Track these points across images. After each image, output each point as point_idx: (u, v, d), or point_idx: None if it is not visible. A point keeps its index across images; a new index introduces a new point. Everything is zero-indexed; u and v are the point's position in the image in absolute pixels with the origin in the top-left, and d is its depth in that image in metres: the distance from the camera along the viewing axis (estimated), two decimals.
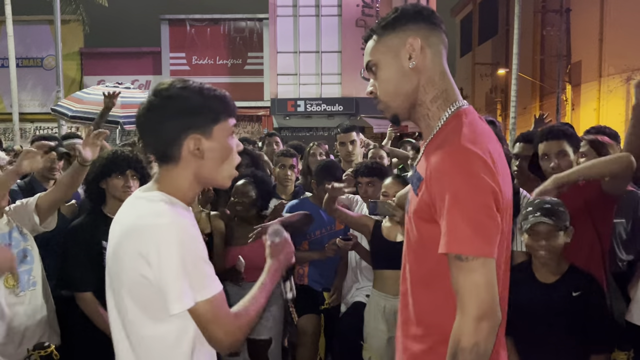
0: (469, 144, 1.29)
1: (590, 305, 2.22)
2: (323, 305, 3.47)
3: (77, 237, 2.66)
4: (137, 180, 2.72)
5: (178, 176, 1.40)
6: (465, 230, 1.24)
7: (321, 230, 3.51)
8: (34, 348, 2.50)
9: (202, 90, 1.39)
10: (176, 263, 1.28)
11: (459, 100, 1.44)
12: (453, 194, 1.26)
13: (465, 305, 1.25)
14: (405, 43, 1.40)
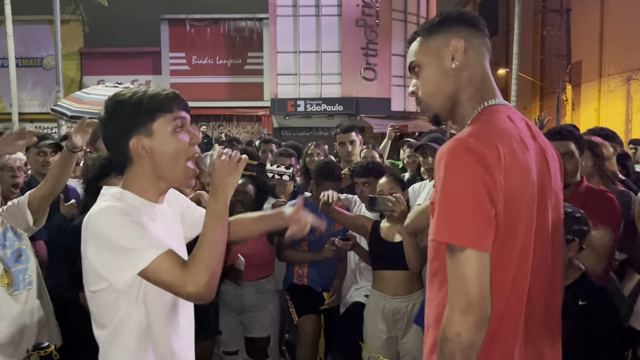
0: (471, 139, 1.31)
1: (597, 316, 2.17)
2: (323, 306, 3.47)
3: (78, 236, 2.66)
4: None
5: (135, 175, 1.52)
6: (454, 219, 1.27)
7: (320, 231, 3.51)
8: (33, 348, 2.50)
9: (134, 94, 1.50)
10: (98, 249, 1.41)
11: (493, 99, 1.46)
12: (444, 184, 1.29)
13: (452, 295, 1.28)
14: (448, 44, 1.45)
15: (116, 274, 1.40)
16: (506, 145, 1.33)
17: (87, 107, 6.58)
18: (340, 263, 3.53)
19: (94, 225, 1.43)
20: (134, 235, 1.40)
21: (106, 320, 1.47)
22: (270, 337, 3.28)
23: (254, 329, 3.27)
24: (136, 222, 1.42)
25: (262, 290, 3.31)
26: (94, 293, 1.47)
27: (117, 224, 1.40)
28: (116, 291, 1.43)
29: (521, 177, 1.34)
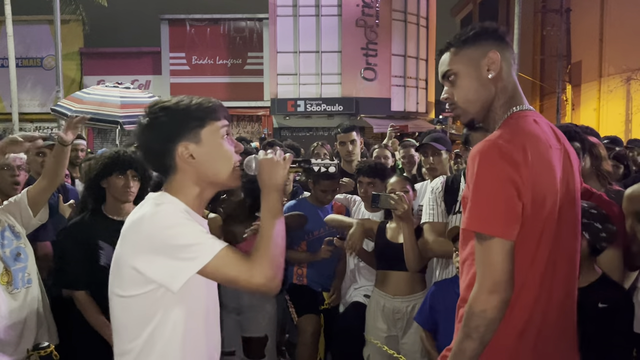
0: (499, 138, 1.47)
1: (618, 320, 2.10)
2: (323, 306, 3.47)
3: (74, 235, 2.67)
4: (138, 181, 2.72)
5: (180, 184, 1.50)
6: (482, 211, 1.44)
7: (319, 230, 3.51)
8: (33, 348, 2.50)
9: (180, 101, 1.50)
10: (158, 248, 1.37)
11: (521, 105, 1.61)
12: (476, 180, 1.45)
13: (481, 277, 1.45)
14: (485, 56, 1.59)
15: (174, 275, 1.37)
16: (532, 146, 1.48)
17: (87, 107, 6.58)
18: (340, 263, 3.53)
19: (148, 226, 1.39)
20: (196, 231, 1.40)
21: (138, 330, 1.43)
22: (267, 336, 3.28)
23: (251, 328, 3.27)
24: (192, 221, 1.42)
25: None
26: (128, 298, 1.43)
27: (175, 222, 1.39)
28: (159, 294, 1.40)
29: (546, 175, 1.50)
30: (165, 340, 1.42)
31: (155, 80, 19.28)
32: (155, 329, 1.42)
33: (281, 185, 1.52)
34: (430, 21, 20.37)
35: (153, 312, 1.41)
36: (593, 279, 2.18)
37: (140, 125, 1.51)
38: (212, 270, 1.38)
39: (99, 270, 2.60)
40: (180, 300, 1.42)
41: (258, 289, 1.42)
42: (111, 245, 2.63)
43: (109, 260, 2.58)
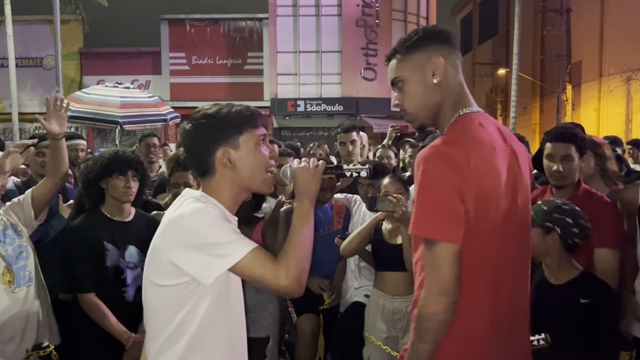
0: (444, 144, 1.51)
1: (600, 313, 2.13)
2: (322, 306, 3.46)
3: (78, 237, 2.65)
4: (137, 181, 2.72)
5: (217, 185, 1.60)
6: (426, 216, 1.48)
7: (318, 230, 3.51)
8: (33, 348, 2.49)
9: (221, 109, 1.60)
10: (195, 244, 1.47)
11: (467, 107, 1.62)
12: (421, 185, 1.49)
13: (428, 281, 1.50)
14: (429, 61, 1.60)
15: (208, 270, 1.46)
16: (476, 150, 1.51)
17: (87, 107, 6.58)
18: (340, 263, 3.53)
19: (188, 222, 1.48)
20: (228, 230, 1.49)
21: (171, 316, 1.52)
22: (269, 337, 3.28)
23: (253, 328, 3.27)
24: (227, 221, 1.53)
25: (262, 291, 3.30)
26: (164, 287, 1.52)
27: (212, 221, 1.48)
28: (192, 287, 1.49)
29: (489, 178, 1.52)
30: (195, 327, 1.51)
31: (155, 80, 19.28)
32: (186, 316, 1.51)
33: (314, 193, 1.61)
34: (430, 21, 20.36)
35: (185, 301, 1.51)
36: (573, 276, 2.22)
37: (184, 131, 1.63)
38: (242, 269, 1.47)
39: (106, 271, 2.60)
40: (210, 293, 1.51)
41: (282, 290, 1.50)
42: (115, 246, 2.63)
43: (114, 260, 2.61)
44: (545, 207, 2.22)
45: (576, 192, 2.59)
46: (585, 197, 2.53)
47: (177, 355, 1.52)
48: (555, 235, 2.18)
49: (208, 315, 1.52)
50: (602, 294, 2.18)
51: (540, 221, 2.19)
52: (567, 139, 2.58)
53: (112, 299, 2.60)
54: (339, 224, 3.52)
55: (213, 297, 1.52)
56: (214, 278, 1.47)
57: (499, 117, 26.56)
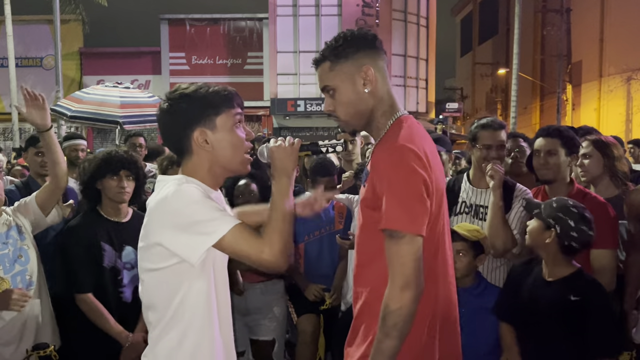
0: (404, 141, 1.55)
1: (591, 313, 2.14)
2: (323, 306, 3.46)
3: (76, 237, 2.64)
4: (132, 180, 2.69)
5: (194, 165, 1.60)
6: (397, 210, 1.50)
7: (320, 230, 3.50)
8: (33, 348, 2.49)
9: (199, 89, 1.59)
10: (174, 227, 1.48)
11: (400, 110, 1.68)
12: (389, 182, 1.51)
13: (393, 275, 1.51)
14: (359, 70, 1.63)
15: (194, 248, 1.47)
16: (427, 147, 1.60)
17: (87, 107, 6.58)
18: (341, 263, 3.52)
19: (171, 204, 1.49)
20: (211, 208, 1.50)
21: (168, 300, 1.54)
22: (275, 339, 3.26)
23: (259, 331, 3.25)
24: (210, 199, 1.54)
25: (268, 292, 3.29)
26: (158, 271, 1.54)
27: (194, 200, 1.49)
28: (183, 268, 1.50)
29: (439, 173, 1.63)
30: (192, 308, 1.54)
31: (155, 80, 19.27)
32: (182, 299, 1.53)
33: (291, 170, 1.59)
34: (431, 21, 20.36)
35: (179, 283, 1.53)
36: (566, 273, 2.23)
37: (160, 110, 1.61)
38: (226, 245, 1.48)
39: (103, 271, 2.59)
40: (200, 275, 1.53)
41: (267, 264, 1.50)
42: (111, 246, 2.62)
43: (111, 261, 2.60)
44: (555, 204, 2.23)
45: (569, 192, 2.59)
46: (578, 197, 2.53)
47: (175, 339, 1.54)
48: (553, 233, 2.19)
49: (201, 298, 1.54)
50: (592, 292, 2.18)
51: (544, 215, 2.20)
52: (552, 134, 2.64)
53: (109, 300, 2.60)
54: (340, 224, 3.51)
55: (204, 279, 1.54)
56: (200, 255, 1.48)
57: (499, 117, 26.56)
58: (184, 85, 1.62)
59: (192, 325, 1.54)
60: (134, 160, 2.73)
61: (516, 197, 2.70)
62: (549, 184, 2.65)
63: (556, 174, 2.60)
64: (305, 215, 1.89)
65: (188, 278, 1.53)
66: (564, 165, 2.60)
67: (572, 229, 2.16)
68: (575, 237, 2.15)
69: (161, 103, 1.62)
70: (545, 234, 2.20)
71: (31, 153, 3.61)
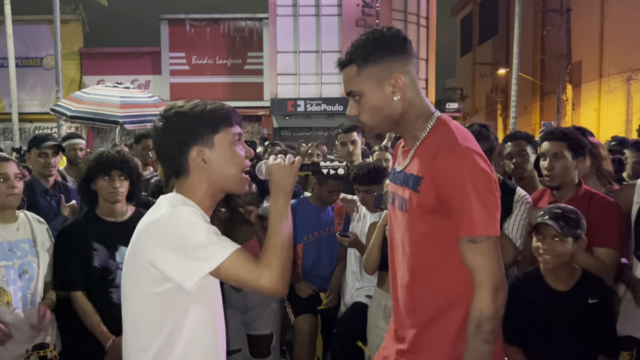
0: (466, 143, 1.51)
1: (605, 311, 2.18)
2: (320, 306, 3.45)
3: (69, 236, 2.67)
4: (126, 180, 2.69)
5: (192, 186, 1.54)
6: (481, 215, 1.45)
7: (319, 231, 3.50)
8: (33, 348, 2.49)
9: (195, 107, 1.53)
10: (170, 250, 1.42)
11: (435, 110, 1.63)
12: (465, 186, 1.45)
13: (483, 280, 1.46)
14: (389, 77, 1.55)
15: (189, 274, 1.41)
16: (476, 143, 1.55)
17: (87, 107, 6.58)
18: (339, 264, 3.52)
19: (167, 226, 1.43)
20: (209, 232, 1.44)
21: (159, 327, 1.46)
22: (273, 334, 3.28)
23: (257, 326, 3.26)
24: (207, 222, 1.48)
25: None
26: (149, 296, 1.46)
27: (192, 224, 1.43)
28: (177, 294, 1.43)
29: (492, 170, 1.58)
30: (187, 340, 1.47)
31: (155, 80, 19.27)
32: (173, 329, 1.46)
33: (289, 189, 1.55)
34: (431, 21, 20.36)
35: (171, 310, 1.45)
36: (577, 278, 2.25)
37: (155, 128, 1.56)
38: (224, 272, 1.42)
39: (93, 271, 2.60)
40: (195, 300, 1.46)
41: (266, 291, 1.45)
42: (104, 246, 2.63)
43: (102, 261, 2.61)
44: (573, 215, 2.22)
45: (577, 193, 2.58)
46: (586, 198, 2.53)
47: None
48: (582, 242, 2.21)
49: (195, 325, 1.48)
50: (606, 293, 2.22)
51: (570, 230, 2.18)
52: (558, 137, 2.61)
53: (97, 300, 2.60)
54: (340, 225, 3.52)
55: (198, 304, 1.47)
56: (194, 282, 1.40)
57: (499, 117, 26.57)
58: (179, 103, 1.56)
59: (184, 356, 1.46)
60: (125, 159, 2.70)
61: (516, 202, 2.69)
62: (557, 189, 2.63)
63: (563, 179, 2.58)
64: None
65: (181, 305, 1.45)
66: (571, 169, 2.58)
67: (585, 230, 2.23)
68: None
69: (156, 121, 1.57)
70: (573, 246, 2.20)
71: (34, 154, 3.60)
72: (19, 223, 2.57)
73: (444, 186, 1.49)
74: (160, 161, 1.63)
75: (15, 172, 2.53)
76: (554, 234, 2.19)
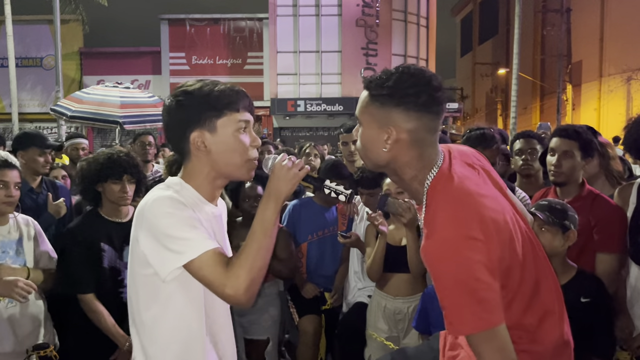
0: (451, 224, 1.32)
1: (598, 312, 2.16)
2: (325, 306, 3.46)
3: (75, 238, 2.64)
4: (134, 184, 2.70)
5: (193, 168, 1.50)
6: (465, 312, 1.31)
7: (323, 231, 3.50)
8: (33, 348, 2.48)
9: (203, 86, 1.47)
10: (149, 236, 1.39)
11: (435, 164, 1.43)
12: (441, 281, 1.33)
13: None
14: (386, 125, 1.40)
15: (163, 263, 1.39)
16: (481, 206, 1.34)
17: (87, 107, 6.57)
18: (342, 264, 3.52)
19: (150, 212, 1.40)
20: (187, 227, 1.38)
21: (145, 308, 1.47)
22: (269, 339, 3.27)
23: (254, 330, 3.26)
24: (191, 216, 1.41)
25: (264, 294, 3.29)
26: (142, 276, 1.46)
27: (172, 214, 1.39)
28: (159, 279, 1.42)
29: (505, 230, 1.37)
30: (168, 327, 1.45)
31: (155, 80, 19.28)
32: (159, 313, 1.45)
33: (283, 196, 1.44)
34: (431, 21, 20.37)
35: (156, 294, 1.44)
36: (571, 275, 2.23)
37: (164, 106, 1.51)
38: (193, 269, 1.37)
39: (103, 272, 2.59)
40: (178, 291, 1.43)
41: (228, 299, 1.38)
42: (112, 246, 2.62)
43: (111, 261, 2.60)
44: (559, 206, 2.22)
45: (580, 192, 2.57)
46: (589, 199, 2.52)
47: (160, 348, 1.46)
48: (571, 236, 2.18)
49: (178, 316, 1.45)
50: (599, 293, 2.20)
51: (558, 221, 2.17)
52: (570, 135, 2.56)
53: (109, 300, 2.59)
54: (343, 225, 3.52)
55: (181, 297, 1.44)
56: (169, 271, 1.38)
57: (499, 117, 26.57)
58: (190, 82, 1.51)
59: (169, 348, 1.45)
60: (135, 164, 2.73)
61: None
62: (561, 186, 2.61)
63: (569, 177, 2.55)
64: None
65: (165, 292, 1.43)
66: (578, 168, 2.55)
67: (576, 225, 2.19)
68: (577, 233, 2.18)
69: (165, 100, 1.53)
70: (561, 238, 2.18)
71: (34, 153, 3.56)
72: (9, 225, 2.57)
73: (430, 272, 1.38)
74: (167, 141, 1.60)
75: (15, 180, 2.55)
76: (540, 223, 2.18)
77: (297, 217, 3.51)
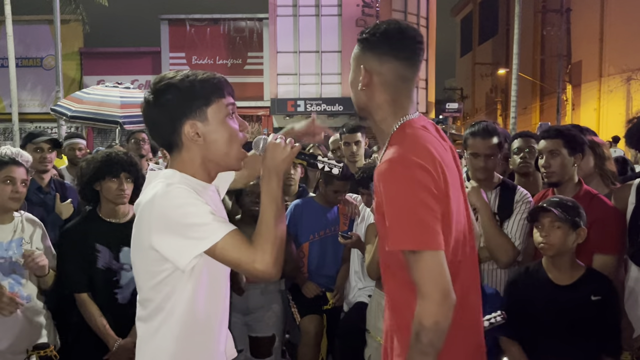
0: (406, 152, 1.43)
1: (608, 310, 2.17)
2: (326, 306, 3.46)
3: (69, 239, 2.66)
4: (131, 182, 2.69)
5: (185, 160, 1.50)
6: (405, 229, 1.39)
7: (325, 231, 3.50)
8: (33, 348, 2.49)
9: (186, 78, 1.47)
10: (164, 230, 1.39)
11: (409, 114, 1.56)
12: (389, 197, 1.41)
13: (425, 291, 1.40)
14: (362, 67, 1.55)
15: (182, 251, 1.39)
16: (436, 150, 1.47)
17: (87, 107, 6.57)
18: (344, 264, 3.52)
19: (161, 206, 1.40)
20: (203, 213, 1.40)
21: (158, 301, 1.48)
22: (274, 335, 3.28)
23: (259, 328, 3.26)
24: (202, 201, 1.43)
25: (267, 292, 3.30)
26: (153, 274, 1.46)
27: (185, 203, 1.40)
28: (177, 274, 1.43)
29: (451, 174, 1.51)
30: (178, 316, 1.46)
31: None
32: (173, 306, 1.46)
33: (283, 171, 1.49)
34: (430, 21, 20.37)
35: (172, 290, 1.45)
36: (581, 273, 2.24)
37: (146, 102, 1.49)
38: (218, 252, 1.39)
39: (97, 272, 2.60)
40: (189, 278, 1.44)
41: (260, 274, 1.41)
42: (107, 247, 2.62)
43: (106, 262, 2.60)
44: (570, 203, 2.24)
45: (577, 192, 2.58)
46: (586, 199, 2.53)
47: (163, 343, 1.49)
48: (582, 233, 2.21)
49: (189, 303, 1.46)
50: (609, 291, 2.21)
51: (569, 217, 2.19)
52: (552, 135, 2.63)
53: (103, 301, 2.60)
54: (345, 225, 3.52)
55: (190, 284, 1.45)
56: (189, 260, 1.39)
57: (499, 117, 26.56)
58: (170, 74, 1.50)
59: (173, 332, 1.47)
60: (133, 162, 2.72)
61: (517, 202, 2.69)
62: (557, 186, 2.64)
63: (561, 176, 2.59)
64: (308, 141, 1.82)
65: (180, 284, 1.45)
66: (568, 165, 2.59)
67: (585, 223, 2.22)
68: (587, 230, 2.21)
69: (146, 95, 1.50)
70: (572, 235, 2.20)
71: (30, 149, 3.58)
72: (14, 224, 2.57)
73: (378, 194, 1.45)
74: (152, 137, 1.58)
75: (22, 177, 2.56)
76: (552, 219, 2.20)
77: (298, 217, 3.51)
